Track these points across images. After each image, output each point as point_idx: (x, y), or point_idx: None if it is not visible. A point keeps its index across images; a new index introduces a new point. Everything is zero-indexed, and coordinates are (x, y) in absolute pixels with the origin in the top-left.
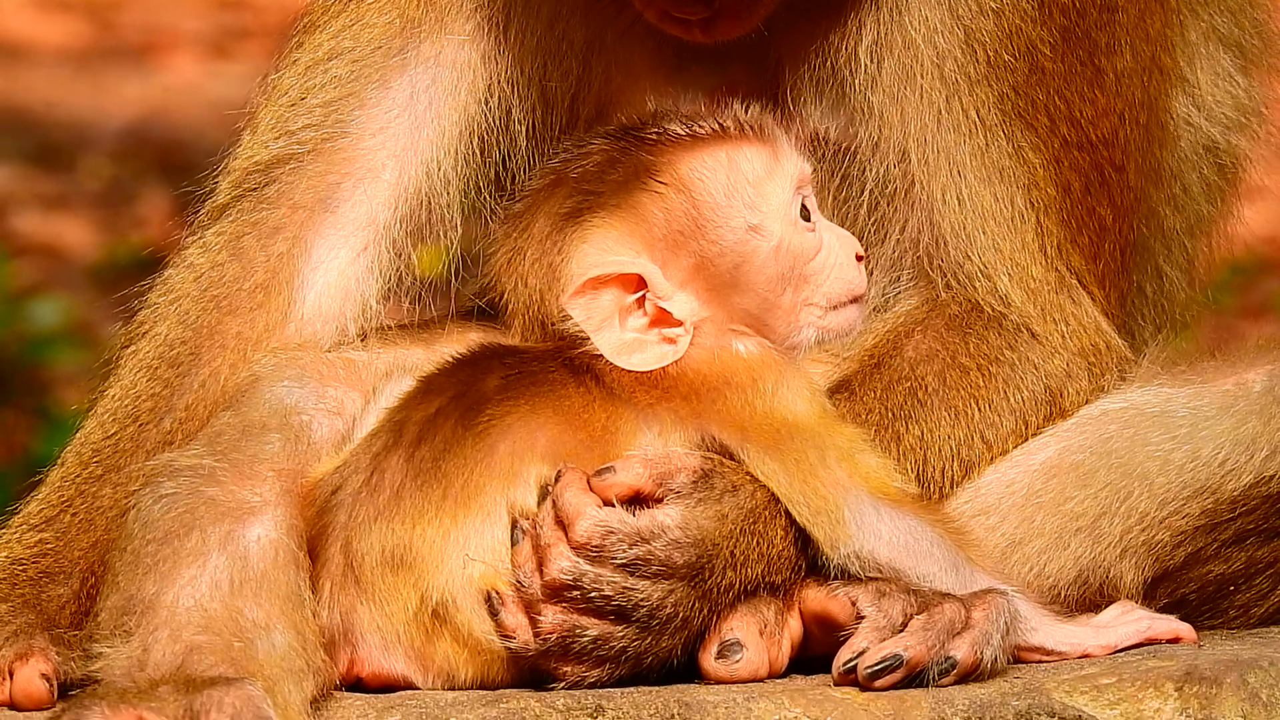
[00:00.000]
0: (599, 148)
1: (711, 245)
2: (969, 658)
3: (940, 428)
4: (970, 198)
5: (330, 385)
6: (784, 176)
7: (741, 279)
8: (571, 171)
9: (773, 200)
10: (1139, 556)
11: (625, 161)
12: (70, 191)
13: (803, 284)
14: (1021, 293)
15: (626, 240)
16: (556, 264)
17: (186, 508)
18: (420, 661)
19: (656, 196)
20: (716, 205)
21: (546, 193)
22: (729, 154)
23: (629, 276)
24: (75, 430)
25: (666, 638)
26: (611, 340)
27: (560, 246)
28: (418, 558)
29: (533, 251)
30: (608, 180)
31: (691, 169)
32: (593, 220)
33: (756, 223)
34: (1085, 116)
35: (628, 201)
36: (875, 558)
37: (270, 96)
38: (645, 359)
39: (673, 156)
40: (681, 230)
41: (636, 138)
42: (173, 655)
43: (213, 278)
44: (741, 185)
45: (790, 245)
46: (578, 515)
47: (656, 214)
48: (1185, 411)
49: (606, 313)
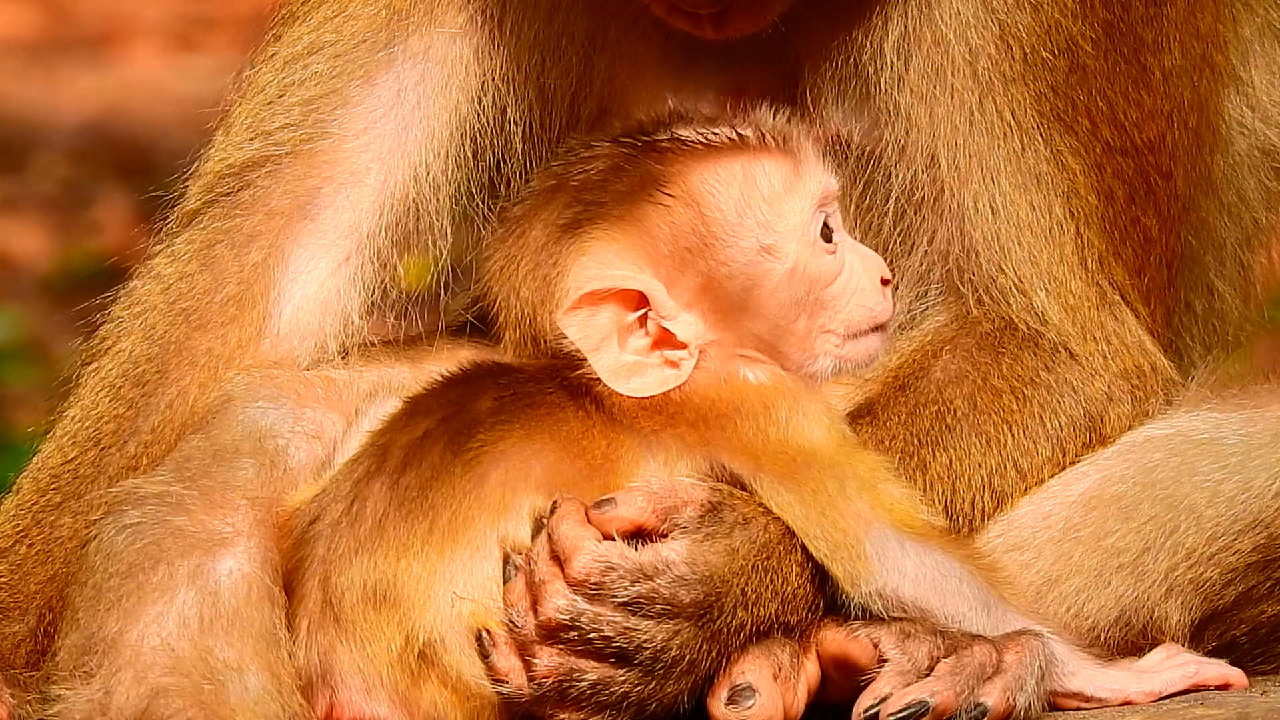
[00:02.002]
0: (604, 153)
1: (720, 266)
2: (1001, 704)
3: (970, 455)
4: (1005, 206)
5: (308, 406)
6: (804, 194)
7: (752, 303)
8: (573, 178)
9: (790, 219)
10: (1185, 595)
11: (631, 170)
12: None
13: (819, 310)
14: (1059, 309)
15: (629, 255)
16: (552, 277)
17: (152, 539)
18: (405, 706)
19: (663, 210)
20: (727, 223)
21: (545, 199)
22: (745, 167)
23: (630, 293)
24: (31, 455)
25: (672, 682)
26: (610, 362)
27: (556, 259)
28: (402, 594)
29: (527, 262)
30: (611, 189)
31: (703, 181)
32: (593, 232)
33: (770, 244)
34: (1130, 119)
35: (632, 213)
36: (899, 596)
37: (245, 94)
38: (645, 383)
39: (683, 167)
40: (689, 247)
41: (646, 144)
42: (137, 699)
43: (181, 289)
44: (756, 202)
45: (807, 269)
46: (575, 550)
47: (662, 228)
48: (1236, 439)
49: (605, 332)
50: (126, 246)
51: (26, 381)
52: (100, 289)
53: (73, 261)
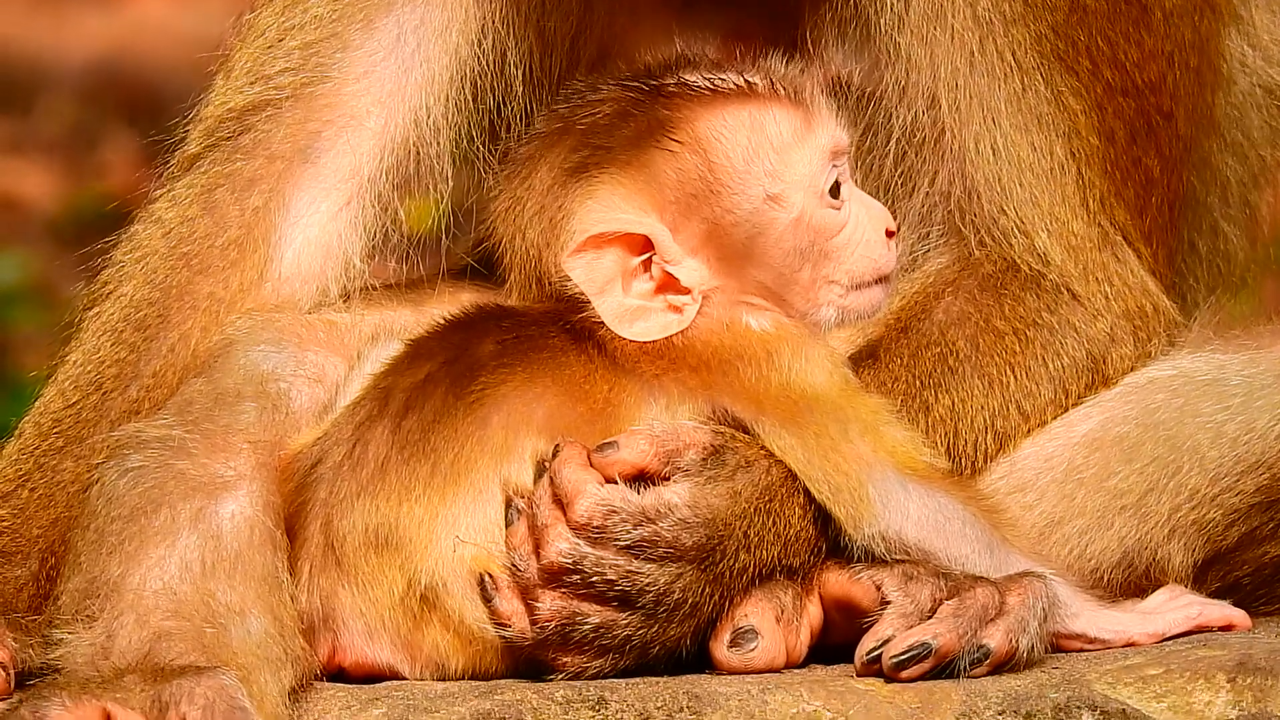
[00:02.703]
0: (611, 96)
1: (726, 213)
2: (1003, 646)
3: (973, 397)
4: (1006, 147)
5: (310, 349)
6: (815, 146)
7: (756, 251)
8: (579, 121)
9: (798, 170)
10: (1189, 537)
11: (639, 115)
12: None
13: (824, 260)
14: (1061, 250)
15: (634, 199)
16: (558, 220)
17: (154, 482)
18: (407, 650)
19: (670, 155)
20: (734, 170)
21: (551, 141)
22: (753, 114)
23: (635, 237)
24: (34, 399)
25: (674, 625)
26: (613, 305)
27: (562, 202)
28: (404, 538)
29: (533, 204)
30: (618, 134)
31: (710, 128)
32: (599, 176)
33: (776, 192)
34: (1130, 59)
35: (639, 159)
36: (902, 538)
37: (245, 38)
38: (648, 328)
39: (690, 112)
40: (695, 193)
41: (653, 88)
42: (139, 642)
43: (182, 234)
44: (764, 150)
45: (812, 219)
46: (577, 493)
47: (669, 174)
48: (1239, 380)
49: (609, 275)
50: (133, 188)
51: (33, 324)
52: (107, 231)
53: (79, 203)
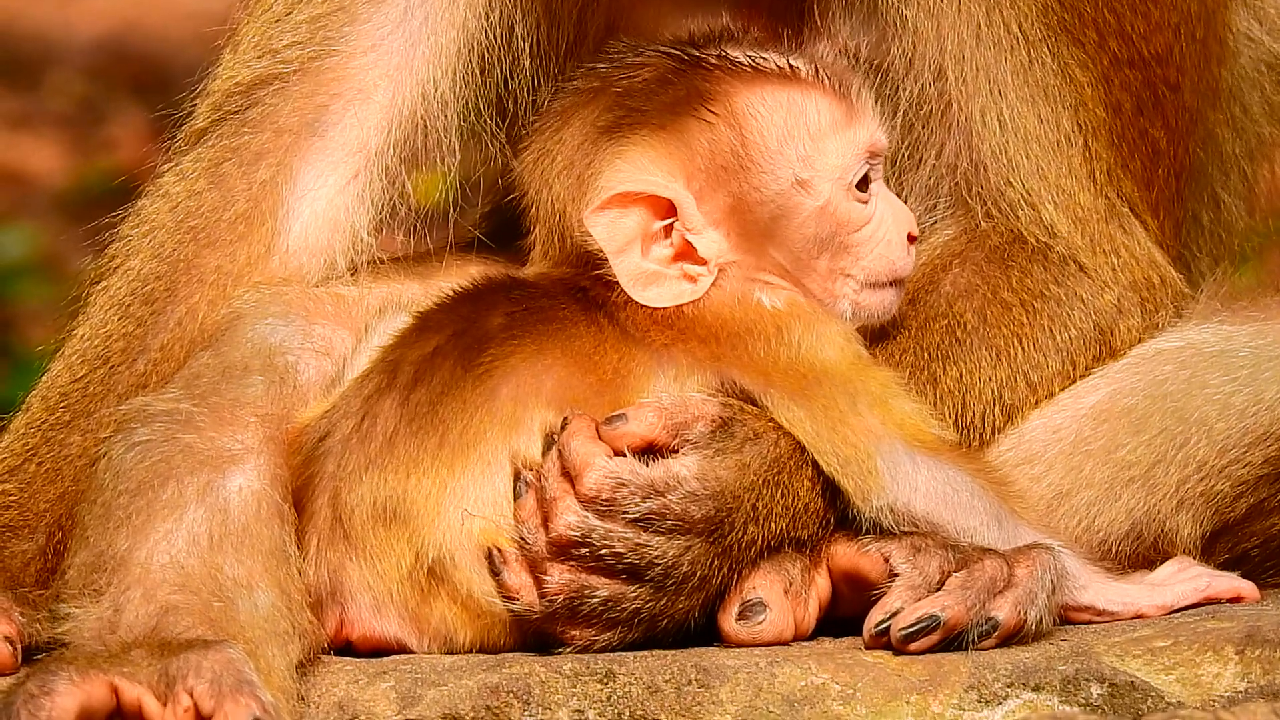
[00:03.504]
0: (651, 62)
1: (753, 190)
2: (1012, 618)
3: (980, 369)
4: (1012, 119)
5: (318, 322)
6: (852, 140)
7: (778, 232)
8: (616, 82)
9: (830, 159)
10: (1197, 508)
11: (677, 82)
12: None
13: (842, 253)
14: (1068, 222)
15: (664, 163)
16: (586, 176)
17: (161, 456)
18: (415, 623)
19: (705, 125)
20: (767, 149)
21: (586, 98)
22: (793, 98)
23: (660, 201)
24: (42, 373)
25: (683, 598)
26: (630, 266)
27: (592, 159)
28: (412, 511)
29: (563, 158)
30: (655, 99)
31: (748, 104)
32: (631, 137)
33: (806, 178)
34: (1137, 31)
35: (673, 124)
36: (911, 510)
37: (252, 12)
38: (661, 293)
39: (730, 87)
40: (725, 166)
41: (694, 58)
42: (146, 616)
43: (190, 207)
44: (800, 135)
45: (837, 210)
46: (586, 466)
47: (701, 142)
48: (1247, 351)
49: (630, 235)
50: (141, 163)
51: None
52: (115, 206)
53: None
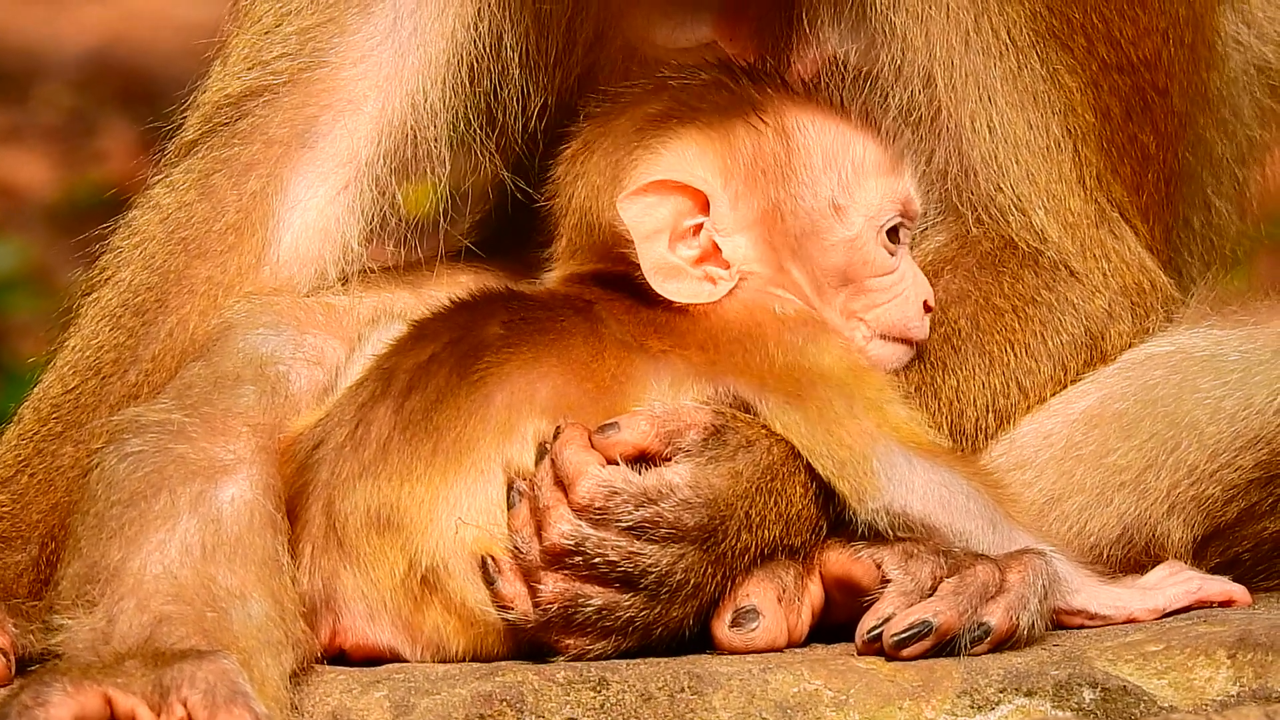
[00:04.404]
0: (710, 72)
1: (789, 198)
2: (1004, 624)
3: (975, 376)
4: (1002, 125)
5: (309, 332)
6: (891, 187)
7: (803, 250)
8: (673, 82)
9: (869, 196)
10: (1188, 513)
11: (732, 89)
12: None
13: (859, 294)
14: (1059, 227)
15: (705, 158)
16: (625, 162)
17: (154, 466)
18: (408, 632)
19: (753, 130)
20: (811, 165)
21: (640, 96)
22: (843, 131)
23: (696, 194)
24: (33, 384)
25: (677, 606)
26: (655, 254)
27: (635, 146)
28: (406, 519)
29: (607, 144)
30: (708, 99)
31: (800, 121)
32: (677, 129)
33: (843, 204)
34: (1125, 36)
35: (721, 124)
36: (907, 512)
37: (242, 24)
38: (681, 289)
39: (784, 104)
40: (765, 171)
41: (754, 74)
42: (140, 627)
43: (180, 219)
44: (845, 163)
45: (865, 248)
46: (579, 475)
47: (746, 145)
48: (1237, 355)
49: (660, 224)
50: (130, 176)
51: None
52: (105, 218)
53: (77, 191)
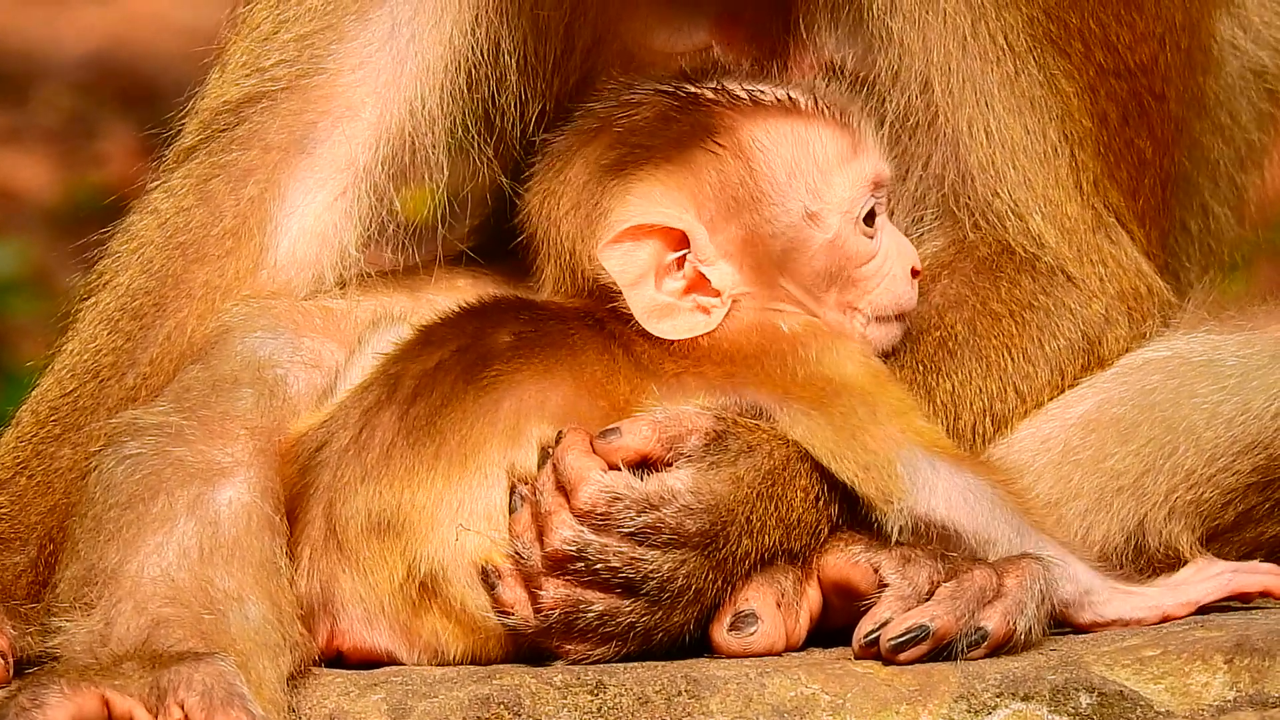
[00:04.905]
0: (649, 100)
1: (765, 223)
2: (1001, 628)
3: (971, 380)
4: (999, 130)
5: (307, 335)
6: (858, 173)
7: (789, 264)
8: (617, 122)
9: (839, 192)
10: (1186, 517)
11: (680, 118)
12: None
13: (849, 287)
14: (1056, 232)
15: (674, 195)
16: (594, 215)
17: (152, 469)
18: (406, 635)
19: (713, 157)
20: (776, 182)
21: (587, 138)
22: (797, 131)
23: (673, 232)
24: (32, 387)
25: (678, 612)
26: (645, 299)
27: (599, 199)
28: (406, 523)
29: (569, 198)
30: (659, 135)
31: (754, 137)
32: (638, 173)
33: (816, 210)
34: (1122, 41)
35: (680, 158)
36: (931, 515)
37: (240, 31)
38: (676, 325)
39: (733, 120)
40: (735, 198)
41: (692, 95)
42: (138, 629)
43: (178, 224)
44: (808, 167)
45: (845, 244)
46: (581, 480)
47: (710, 174)
48: (1234, 360)
49: (643, 267)
50: (131, 179)
51: (30, 314)
52: (104, 222)
53: (77, 194)
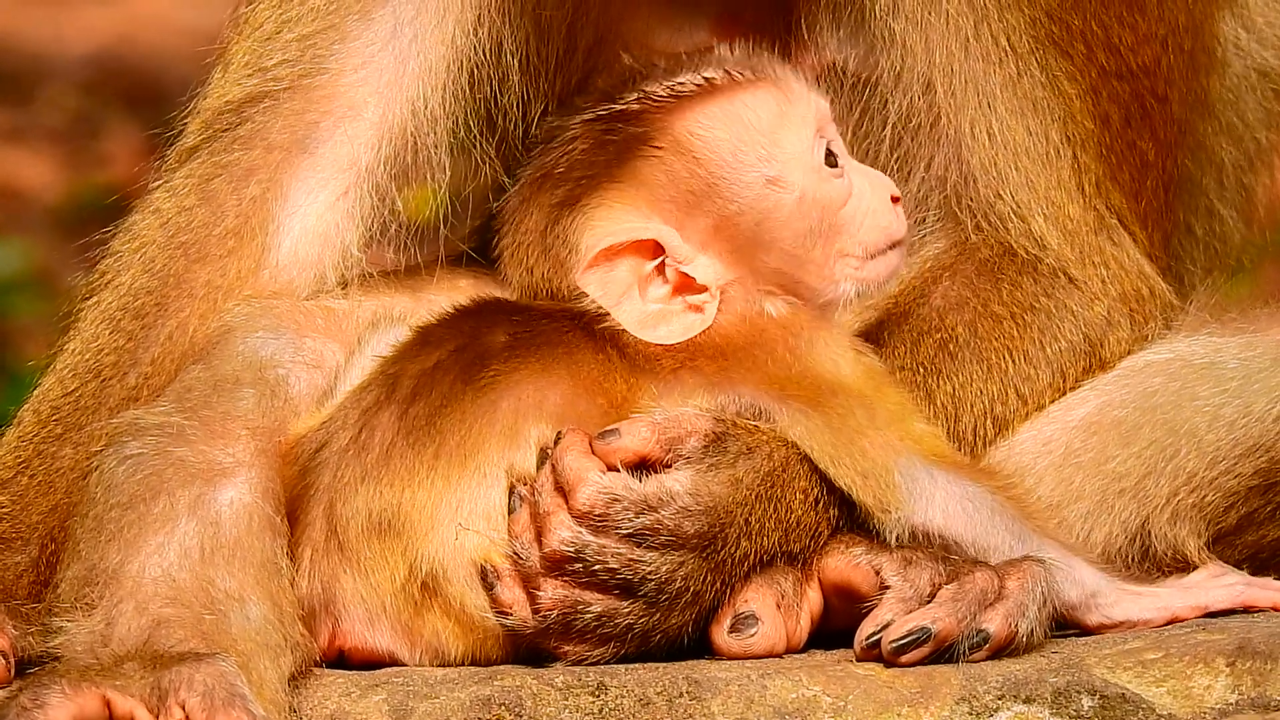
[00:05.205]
0: (581, 131)
1: (728, 204)
2: (1003, 630)
3: (972, 382)
4: (1001, 131)
5: (308, 336)
6: (799, 120)
7: (766, 236)
8: (557, 164)
9: (789, 148)
10: (1190, 520)
11: (612, 139)
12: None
13: (835, 235)
14: (1058, 234)
15: (632, 208)
16: (561, 253)
17: (153, 469)
18: (407, 636)
19: (655, 161)
20: (724, 163)
21: (536, 187)
22: (724, 107)
23: (644, 243)
24: (33, 387)
25: (676, 613)
26: (633, 313)
27: (562, 234)
28: (407, 523)
29: (536, 247)
30: (600, 159)
31: (686, 129)
32: (590, 200)
33: (774, 174)
34: (1125, 43)
35: (625, 172)
36: (929, 524)
37: (242, 31)
38: (671, 330)
39: (662, 120)
40: (692, 191)
41: (616, 112)
42: (139, 629)
43: (180, 223)
44: (750, 137)
45: (815, 195)
46: (579, 481)
47: (659, 177)
48: (1236, 363)
49: (624, 284)
50: (135, 179)
51: (35, 313)
52: (107, 221)
53: (81, 193)
